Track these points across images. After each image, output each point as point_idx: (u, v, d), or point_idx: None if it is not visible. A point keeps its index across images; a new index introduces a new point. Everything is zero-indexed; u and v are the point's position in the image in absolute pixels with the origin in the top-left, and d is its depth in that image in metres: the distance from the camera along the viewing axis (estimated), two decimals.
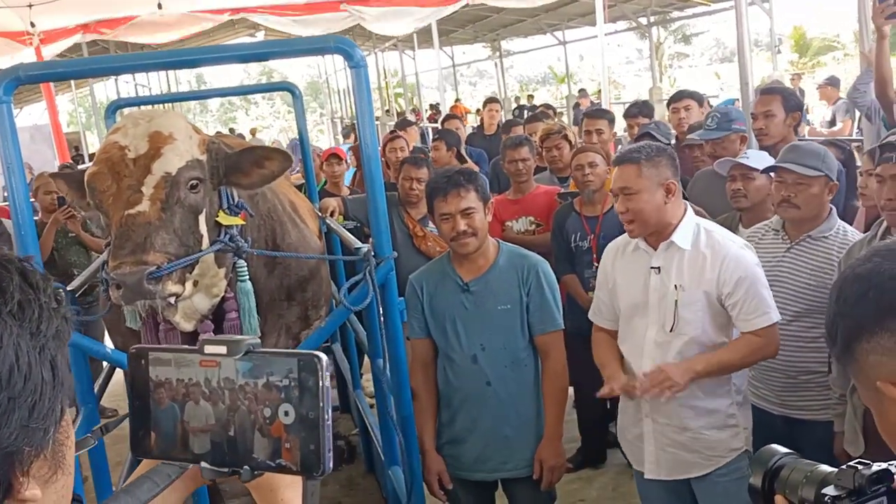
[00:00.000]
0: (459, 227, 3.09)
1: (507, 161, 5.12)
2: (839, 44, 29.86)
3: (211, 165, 2.69)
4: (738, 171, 3.62)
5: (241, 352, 0.93)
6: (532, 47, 28.82)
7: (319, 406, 0.90)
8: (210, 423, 0.95)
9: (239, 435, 0.94)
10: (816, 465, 1.17)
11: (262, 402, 0.92)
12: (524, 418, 3.20)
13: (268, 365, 0.92)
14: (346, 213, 4.93)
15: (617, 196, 2.94)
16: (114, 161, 2.57)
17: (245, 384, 0.93)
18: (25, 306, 0.80)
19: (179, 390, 0.96)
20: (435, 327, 3.21)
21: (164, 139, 2.60)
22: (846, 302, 1.08)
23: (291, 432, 0.91)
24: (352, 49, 2.74)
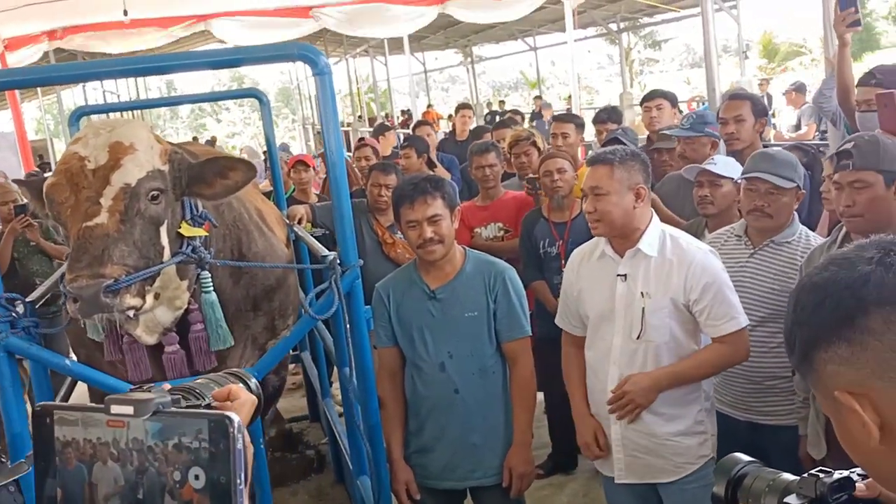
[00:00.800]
0: (426, 234, 3.08)
1: (474, 167, 5.12)
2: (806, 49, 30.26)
3: (173, 176, 2.66)
4: (706, 178, 3.64)
5: (148, 412, 0.90)
6: (503, 53, 28.93)
7: (231, 470, 0.87)
8: (119, 486, 0.92)
9: (148, 498, 0.91)
10: (779, 473, 1.17)
11: (172, 464, 0.89)
12: (492, 426, 3.18)
13: (178, 426, 0.89)
14: (314, 220, 4.90)
15: (586, 196, 2.94)
16: (73, 172, 2.53)
17: (154, 445, 0.90)
18: None
19: (87, 450, 0.93)
20: (402, 335, 3.19)
21: (124, 150, 2.56)
22: (803, 311, 1.08)
23: (202, 496, 0.88)
24: (316, 56, 2.72)
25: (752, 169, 3.20)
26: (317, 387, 5.19)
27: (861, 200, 2.62)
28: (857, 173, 2.62)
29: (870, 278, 1.01)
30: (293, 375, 6.68)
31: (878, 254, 1.03)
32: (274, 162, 5.24)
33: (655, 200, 4.03)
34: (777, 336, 3.08)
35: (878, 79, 3.79)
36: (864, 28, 27.61)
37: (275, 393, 3.73)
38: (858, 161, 2.61)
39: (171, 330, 2.80)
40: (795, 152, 4.07)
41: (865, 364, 1.00)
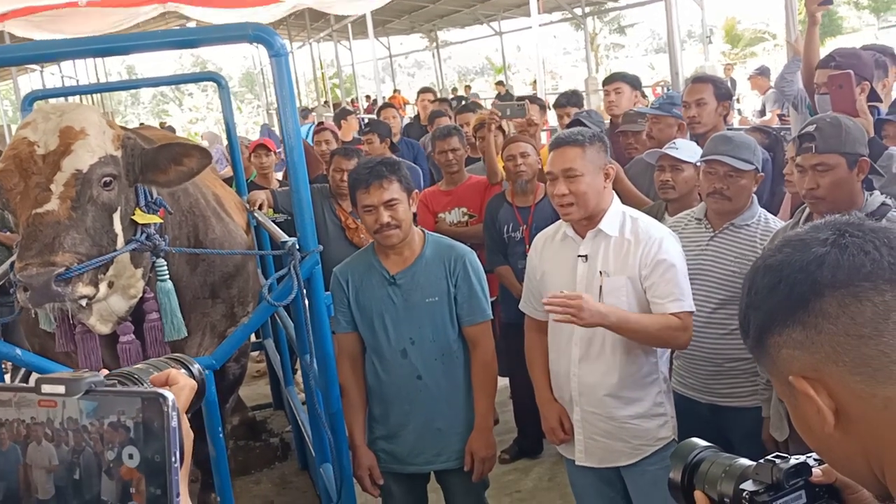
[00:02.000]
0: (383, 219, 3.04)
1: (437, 152, 5.09)
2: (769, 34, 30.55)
3: (126, 162, 2.59)
4: (667, 162, 3.64)
5: (80, 391, 0.88)
6: (469, 38, 28.86)
7: (165, 448, 0.86)
8: (54, 466, 0.90)
9: (85, 478, 0.89)
10: (736, 459, 1.15)
11: (108, 443, 0.87)
12: (456, 410, 3.17)
13: (112, 404, 0.88)
14: (275, 205, 4.84)
15: (555, 179, 2.90)
16: (22, 158, 2.46)
17: (90, 424, 0.88)
18: None
19: (20, 431, 0.91)
20: (362, 322, 3.16)
21: (75, 134, 2.50)
22: (757, 294, 1.05)
23: (137, 476, 0.87)
24: (271, 37, 2.66)
25: (711, 151, 3.19)
26: (280, 374, 5.14)
27: (824, 183, 2.63)
28: (820, 156, 2.63)
29: (825, 260, 0.99)
30: (257, 363, 6.63)
31: (832, 235, 1.01)
32: (234, 147, 5.17)
33: (621, 175, 4.04)
34: (737, 319, 3.08)
35: (838, 61, 3.81)
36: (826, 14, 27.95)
37: (235, 381, 3.68)
38: (821, 144, 2.62)
39: (125, 319, 2.75)
40: (757, 135, 4.09)
41: (820, 348, 0.98)
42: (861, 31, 31.24)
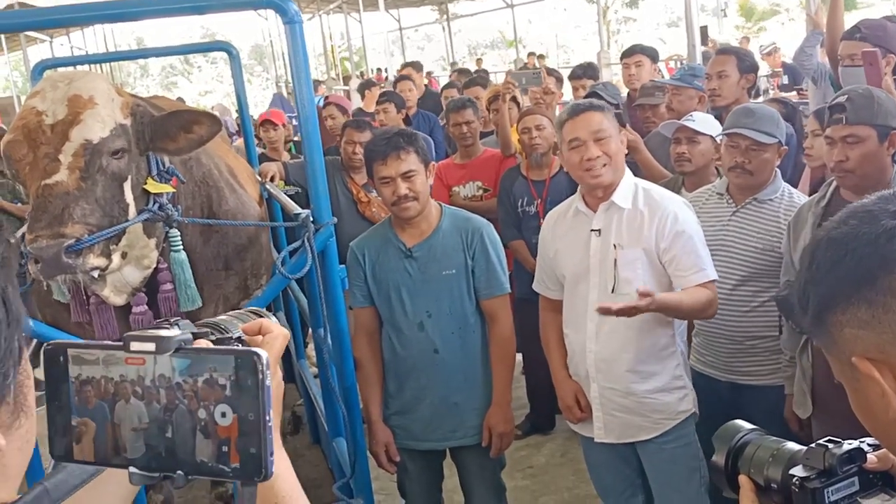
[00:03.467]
0: (400, 190, 2.98)
1: (451, 124, 5.02)
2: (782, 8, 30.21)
3: (136, 130, 2.55)
4: (683, 135, 3.58)
5: (171, 348, 0.86)
6: (480, 10, 28.61)
7: (260, 407, 0.83)
8: (144, 424, 0.87)
9: (178, 437, 0.86)
10: (784, 442, 1.10)
11: (202, 401, 0.85)
12: (473, 385, 3.13)
13: (204, 362, 0.86)
14: (287, 178, 4.79)
15: (581, 145, 2.82)
16: (30, 128, 2.42)
17: (183, 382, 0.86)
18: None
19: (108, 389, 0.88)
20: (378, 295, 3.12)
21: (83, 103, 2.45)
22: (819, 268, 0.98)
23: (233, 434, 0.85)
24: (285, 4, 2.61)
25: (732, 125, 3.12)
26: (291, 348, 5.12)
27: (854, 155, 2.56)
28: (851, 128, 2.56)
29: (894, 233, 0.92)
30: None
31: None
32: (245, 118, 5.11)
33: (640, 146, 3.98)
34: (759, 295, 3.04)
35: (864, 33, 3.72)
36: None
37: None
38: (852, 115, 2.55)
39: (139, 290, 2.71)
40: (775, 105, 4.02)
41: (887, 328, 0.91)
42: (875, 5, 30.85)
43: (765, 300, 3.02)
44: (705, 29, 10.87)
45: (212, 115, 2.67)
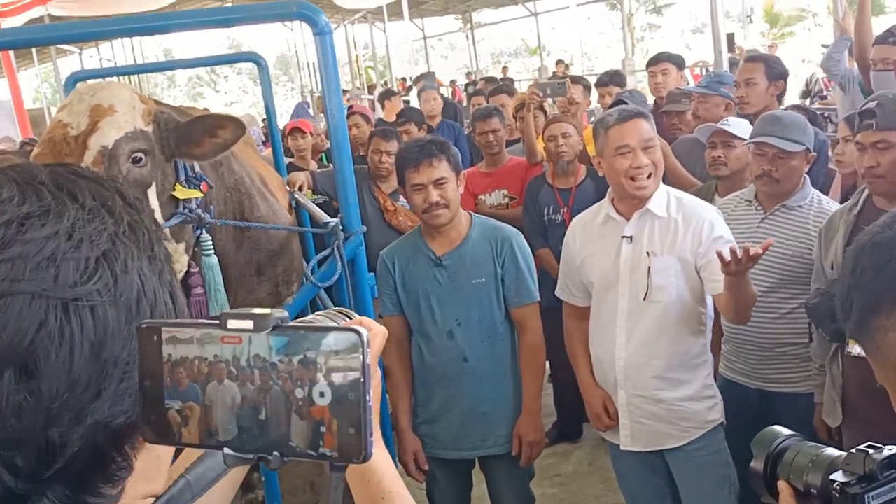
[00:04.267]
0: (432, 197, 3.00)
1: (477, 133, 5.03)
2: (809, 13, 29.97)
3: (159, 136, 2.56)
4: (719, 138, 3.56)
5: (268, 326, 0.82)
6: (503, 19, 28.64)
7: (360, 386, 0.80)
8: (237, 405, 0.84)
9: (272, 419, 0.83)
10: (823, 448, 1.10)
11: (297, 381, 0.82)
12: (502, 394, 3.14)
13: (302, 340, 0.82)
14: (314, 187, 4.82)
15: (629, 152, 2.80)
16: (56, 141, 2.46)
17: (279, 361, 0.82)
18: (136, 228, 0.73)
19: (201, 369, 0.85)
20: (408, 304, 3.13)
21: (103, 112, 2.47)
22: (863, 273, 0.99)
23: (329, 415, 0.81)
24: (316, 15, 2.64)
25: (759, 133, 3.11)
26: None
27: (884, 161, 2.55)
28: (881, 133, 2.55)
29: None
30: None
31: None
32: (273, 128, 5.15)
33: (668, 152, 3.97)
34: (789, 302, 3.03)
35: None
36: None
37: None
38: (882, 120, 2.54)
39: None
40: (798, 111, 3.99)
41: None
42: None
43: (794, 307, 3.01)
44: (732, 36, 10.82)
45: (235, 118, 2.66)
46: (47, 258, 0.66)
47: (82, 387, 0.67)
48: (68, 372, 0.65)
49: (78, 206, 0.69)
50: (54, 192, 0.70)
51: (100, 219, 0.70)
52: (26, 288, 0.64)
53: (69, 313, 0.65)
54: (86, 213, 0.69)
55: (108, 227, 0.70)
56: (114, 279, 0.69)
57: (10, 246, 0.65)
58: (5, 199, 0.67)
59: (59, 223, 0.67)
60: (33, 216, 0.67)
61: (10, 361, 0.63)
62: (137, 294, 0.71)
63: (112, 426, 0.70)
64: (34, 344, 0.64)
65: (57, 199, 0.69)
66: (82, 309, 0.66)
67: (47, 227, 0.67)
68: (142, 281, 0.72)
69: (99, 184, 0.74)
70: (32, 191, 0.69)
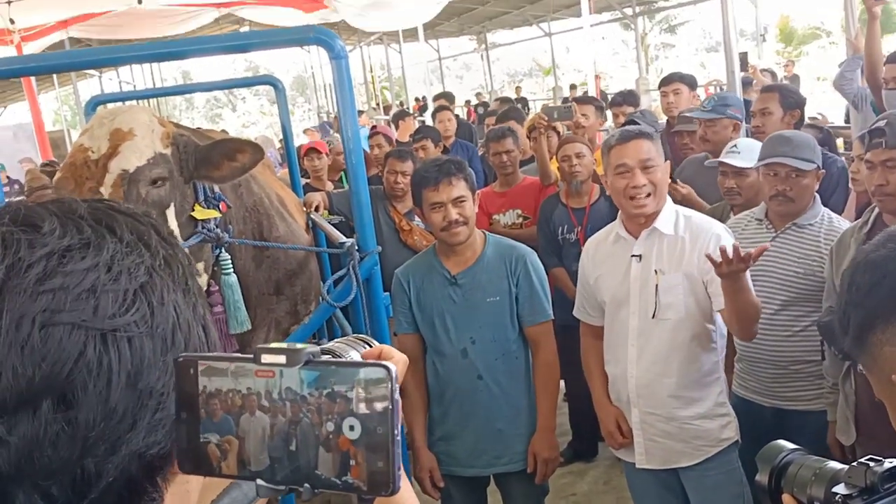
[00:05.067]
0: (451, 215, 3.04)
1: (491, 153, 5.08)
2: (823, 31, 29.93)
3: (178, 159, 2.62)
4: (728, 169, 3.57)
5: (301, 361, 0.85)
6: (518, 39, 28.78)
7: (389, 420, 0.83)
8: (269, 437, 0.87)
9: (301, 450, 0.86)
10: (825, 461, 1.13)
11: (327, 414, 0.84)
12: (516, 411, 3.16)
13: (332, 375, 0.85)
14: (330, 207, 4.87)
15: (628, 171, 2.85)
16: (77, 165, 2.52)
17: (309, 395, 0.85)
18: (171, 261, 0.75)
19: (235, 401, 0.88)
20: (423, 322, 3.17)
21: (122, 136, 2.53)
22: (859, 290, 1.03)
23: (358, 448, 0.84)
24: (332, 40, 2.69)
25: (770, 154, 3.13)
26: None
27: (894, 179, 2.57)
28: (890, 151, 2.57)
29: None
30: None
31: None
32: (290, 149, 5.22)
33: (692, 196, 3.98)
34: (802, 320, 3.03)
35: None
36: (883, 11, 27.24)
37: None
38: (891, 139, 2.56)
39: None
40: (809, 130, 4.01)
41: None
42: None
43: (807, 325, 3.02)
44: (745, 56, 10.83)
45: (254, 143, 2.73)
46: (87, 290, 0.67)
47: (118, 417, 0.68)
48: (105, 402, 0.67)
49: (116, 240, 0.71)
50: (94, 225, 0.72)
51: (137, 252, 0.72)
52: (66, 319, 0.65)
53: (107, 344, 0.67)
54: (124, 246, 0.71)
55: (145, 260, 0.72)
56: (150, 311, 0.71)
57: (52, 277, 0.66)
58: (47, 231, 0.69)
59: (98, 256, 0.69)
60: (74, 249, 0.69)
61: (49, 391, 0.64)
62: (173, 326, 0.73)
63: (146, 457, 0.72)
64: (73, 374, 0.65)
65: (96, 233, 0.71)
66: (120, 340, 0.68)
67: (87, 259, 0.68)
68: (177, 313, 0.73)
69: (135, 219, 0.76)
70: (73, 224, 0.71)
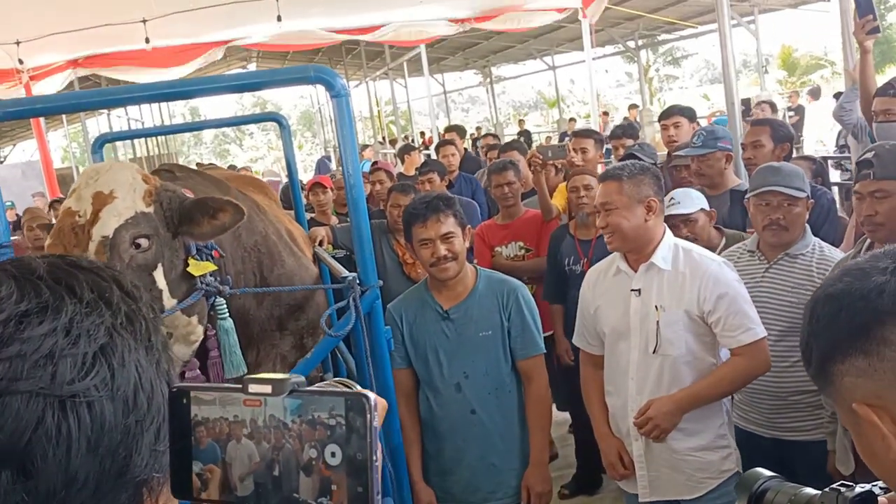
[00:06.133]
0: (440, 251, 3.08)
1: (493, 186, 5.12)
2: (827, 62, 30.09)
3: (162, 216, 2.59)
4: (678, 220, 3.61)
5: (286, 390, 0.89)
6: (522, 73, 29.03)
7: (368, 447, 0.85)
8: (254, 463, 0.91)
9: (284, 475, 0.89)
10: (801, 487, 1.16)
11: (309, 441, 0.88)
12: (510, 445, 3.17)
13: (315, 403, 0.88)
14: (335, 241, 4.92)
15: (597, 212, 2.96)
16: (65, 232, 2.49)
17: (291, 422, 0.89)
18: (133, 318, 0.74)
19: (222, 429, 0.92)
20: (416, 357, 3.19)
21: (103, 199, 2.49)
22: (818, 323, 1.07)
23: (338, 474, 0.87)
24: (332, 78, 2.73)
25: (761, 184, 3.17)
26: None
27: (882, 209, 2.61)
28: (878, 183, 2.61)
29: (885, 288, 1.00)
30: None
31: (892, 264, 1.02)
32: (294, 185, 5.27)
33: None
34: (798, 350, 3.04)
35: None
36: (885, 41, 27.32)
37: None
38: (879, 170, 2.60)
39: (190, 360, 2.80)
40: (803, 162, 4.05)
41: (883, 375, 0.99)
42: None
43: None
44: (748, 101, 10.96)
45: (235, 203, 2.68)
46: (45, 356, 0.66)
47: (79, 483, 0.66)
48: (65, 470, 0.65)
49: (76, 300, 0.70)
50: (52, 286, 0.71)
51: (98, 312, 0.71)
52: (24, 387, 0.64)
53: (66, 410, 0.66)
54: (83, 306, 0.70)
55: (105, 320, 0.71)
56: (111, 373, 0.69)
57: (9, 345, 0.65)
58: (4, 296, 0.68)
59: (56, 319, 0.68)
60: (31, 313, 0.67)
61: (8, 461, 0.63)
62: (134, 387, 0.71)
63: None
64: (32, 443, 0.64)
65: (55, 294, 0.70)
66: (80, 405, 0.66)
67: (45, 324, 0.67)
68: (139, 373, 0.72)
69: (97, 274, 0.75)
70: (31, 286, 0.70)
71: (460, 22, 11.95)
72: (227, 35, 11.23)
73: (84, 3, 8.56)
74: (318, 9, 10.08)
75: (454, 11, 11.79)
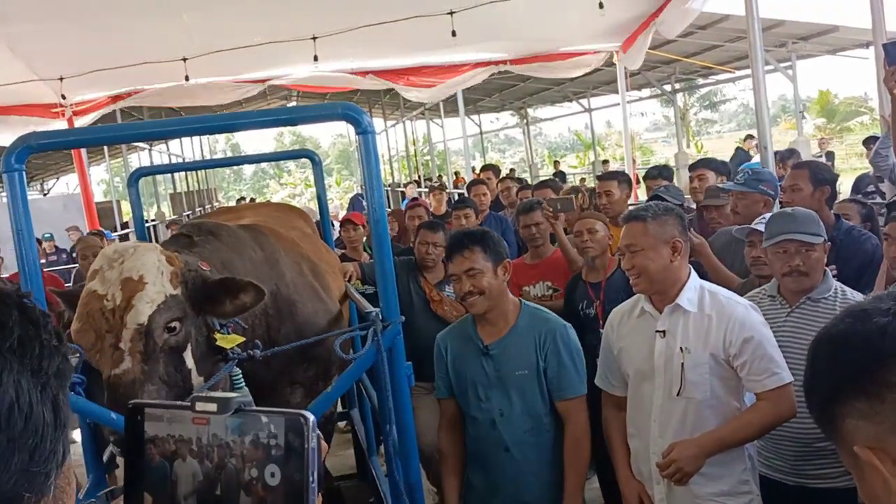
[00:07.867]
0: (465, 287, 3.13)
1: (521, 226, 5.14)
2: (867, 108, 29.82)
3: (188, 296, 2.65)
4: (758, 238, 3.59)
5: (231, 409, 0.91)
6: (558, 114, 29.17)
7: (305, 468, 0.88)
8: (198, 481, 0.93)
9: (224, 494, 0.91)
10: None
11: (249, 460, 0.90)
12: (544, 484, 3.15)
13: (256, 423, 0.90)
14: (363, 277, 4.95)
15: (623, 254, 2.95)
16: (94, 316, 2.52)
17: (232, 441, 0.91)
18: (26, 342, 0.76)
19: (170, 447, 0.94)
20: (458, 388, 3.23)
21: (134, 286, 2.53)
22: (820, 364, 1.06)
23: (277, 494, 0.89)
24: (359, 115, 2.78)
25: (778, 231, 3.15)
26: (364, 445, 5.18)
27: None
28: None
29: (886, 330, 0.99)
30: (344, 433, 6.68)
31: (894, 305, 1.02)
32: (325, 221, 5.34)
33: (707, 251, 4.00)
34: None
35: None
36: None
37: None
38: None
39: None
40: (853, 206, 4.00)
41: (885, 418, 0.98)
42: None
43: None
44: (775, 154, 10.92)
45: (256, 285, 2.73)
46: None
47: None
48: None
49: None
50: None
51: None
52: None
53: None
54: None
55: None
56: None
57: None
58: None
59: None
60: None
61: None
62: (10, 405, 0.73)
63: None
64: None
65: None
66: None
67: None
68: (16, 393, 0.74)
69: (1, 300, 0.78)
70: None
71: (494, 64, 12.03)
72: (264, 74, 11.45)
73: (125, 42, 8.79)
74: (353, 49, 10.23)
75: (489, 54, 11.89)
